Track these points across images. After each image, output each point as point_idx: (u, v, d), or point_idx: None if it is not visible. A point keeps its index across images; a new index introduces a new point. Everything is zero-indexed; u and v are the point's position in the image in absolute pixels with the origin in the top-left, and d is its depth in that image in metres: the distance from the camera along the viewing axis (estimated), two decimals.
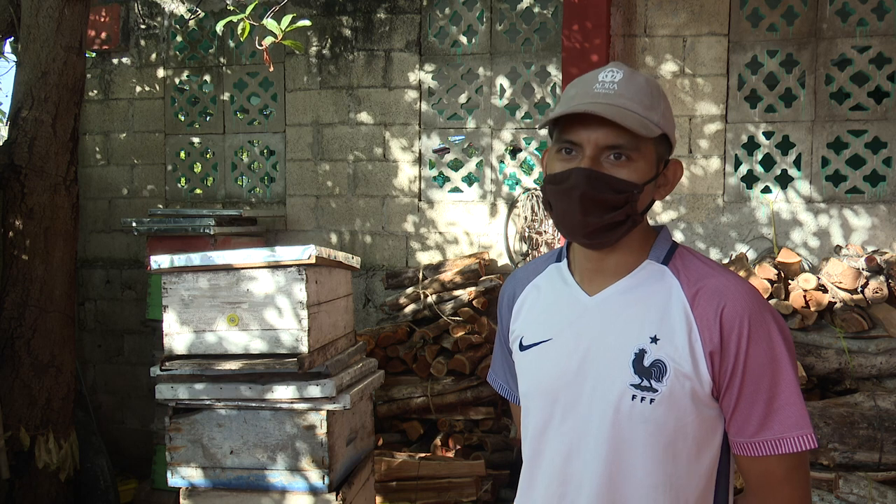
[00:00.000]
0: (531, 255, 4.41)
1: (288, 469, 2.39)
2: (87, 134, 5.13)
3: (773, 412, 1.17)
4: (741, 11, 4.26)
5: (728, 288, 1.20)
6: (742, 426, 1.19)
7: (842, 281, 3.46)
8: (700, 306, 1.19)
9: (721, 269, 1.24)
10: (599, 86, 1.19)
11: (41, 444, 3.36)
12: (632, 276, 1.25)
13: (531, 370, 1.32)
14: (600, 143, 1.16)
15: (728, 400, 1.19)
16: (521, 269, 1.44)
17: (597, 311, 1.25)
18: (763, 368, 1.17)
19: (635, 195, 1.18)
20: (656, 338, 1.19)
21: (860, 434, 2.94)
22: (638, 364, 1.19)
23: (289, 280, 2.33)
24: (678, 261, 1.25)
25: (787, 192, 4.25)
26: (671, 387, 1.18)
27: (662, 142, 1.22)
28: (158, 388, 2.43)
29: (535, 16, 4.51)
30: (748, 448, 1.19)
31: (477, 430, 3.97)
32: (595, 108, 1.15)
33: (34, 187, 3.40)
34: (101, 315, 5.14)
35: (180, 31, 5.01)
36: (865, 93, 4.13)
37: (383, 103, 4.71)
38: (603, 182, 1.16)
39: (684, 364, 1.18)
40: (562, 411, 1.26)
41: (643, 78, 1.21)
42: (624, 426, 1.20)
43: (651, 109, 1.18)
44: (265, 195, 5.00)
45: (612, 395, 1.20)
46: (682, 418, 1.19)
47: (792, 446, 1.17)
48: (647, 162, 1.19)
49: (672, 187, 1.27)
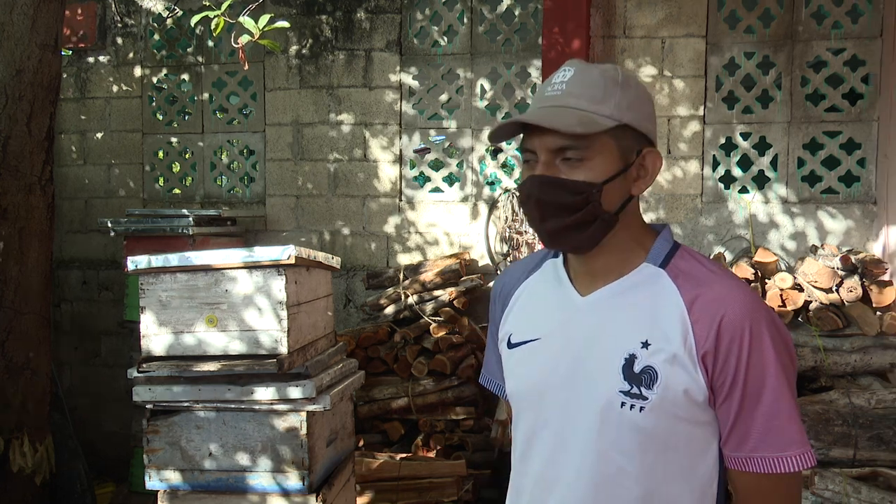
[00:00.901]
0: (512, 255, 4.42)
1: (268, 471, 2.37)
2: (63, 133, 5.06)
3: (773, 428, 1.13)
4: (719, 13, 4.30)
5: (729, 295, 1.15)
6: (740, 441, 1.15)
7: (817, 280, 3.51)
8: (698, 312, 1.14)
9: (724, 274, 1.19)
10: (550, 88, 1.18)
11: (16, 448, 3.31)
12: (627, 279, 1.21)
13: (517, 370, 1.29)
14: (550, 147, 1.15)
15: (726, 412, 1.15)
16: (516, 265, 1.41)
17: (588, 312, 1.21)
18: (762, 381, 1.12)
19: (594, 195, 1.14)
20: (647, 343, 1.15)
21: (835, 431, 2.99)
22: (628, 370, 1.15)
23: (268, 280, 2.32)
24: (678, 264, 1.20)
25: (765, 193, 4.30)
26: (662, 395, 1.13)
27: (626, 133, 1.17)
28: (136, 389, 2.41)
29: (516, 17, 4.52)
30: (744, 463, 1.15)
31: (458, 431, 3.97)
32: (532, 115, 1.15)
33: (8, 187, 3.35)
34: (78, 316, 5.07)
35: (158, 30, 4.96)
36: (840, 94, 4.19)
37: (364, 103, 4.70)
38: (555, 186, 1.14)
39: (678, 371, 1.14)
40: (547, 415, 1.22)
41: (597, 70, 1.18)
42: (612, 433, 1.16)
43: (601, 102, 1.15)
44: (245, 195, 4.97)
45: (599, 400, 1.16)
46: (673, 427, 1.15)
47: (791, 465, 1.13)
48: (605, 158, 1.15)
49: (652, 178, 1.22)
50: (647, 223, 1.27)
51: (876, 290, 3.46)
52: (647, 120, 1.20)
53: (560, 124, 1.12)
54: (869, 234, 4.17)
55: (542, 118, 1.14)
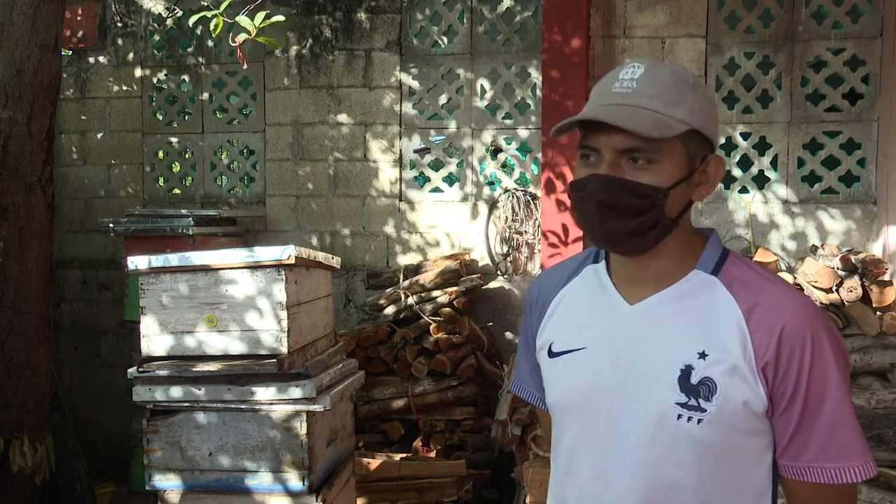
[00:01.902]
0: (512, 255, 4.42)
1: (268, 471, 2.37)
2: (64, 133, 5.06)
3: (834, 438, 1.10)
4: (719, 13, 4.30)
5: (789, 304, 1.12)
6: (799, 451, 1.12)
7: (817, 280, 3.51)
8: (756, 321, 1.11)
9: (779, 282, 1.16)
10: (618, 84, 1.13)
11: (16, 448, 3.31)
12: (678, 286, 1.16)
13: (560, 380, 1.25)
14: (618, 148, 1.10)
15: (785, 422, 1.12)
16: (553, 270, 1.36)
17: (638, 321, 1.17)
18: (824, 391, 1.10)
19: (660, 199, 1.10)
20: (705, 353, 1.11)
21: None
22: (684, 381, 1.11)
23: (268, 281, 2.32)
24: (730, 271, 1.16)
25: (765, 193, 4.30)
26: (721, 406, 1.10)
27: (694, 138, 1.13)
28: (136, 389, 2.41)
29: (516, 17, 4.52)
30: (803, 473, 1.12)
31: (458, 431, 3.97)
32: (604, 113, 1.09)
33: (8, 187, 3.35)
34: (78, 316, 5.07)
35: (158, 30, 4.96)
36: (840, 94, 4.19)
37: (364, 103, 4.70)
38: (622, 188, 1.10)
39: (738, 383, 1.10)
40: (595, 426, 1.18)
41: (668, 71, 1.13)
42: (666, 446, 1.12)
43: (674, 104, 1.10)
44: (245, 195, 4.97)
45: (653, 413, 1.13)
46: (730, 439, 1.12)
47: (852, 476, 1.10)
48: (673, 163, 1.11)
49: (713, 185, 1.17)
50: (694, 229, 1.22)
51: (876, 290, 3.46)
52: (713, 125, 1.17)
53: (636, 126, 1.07)
54: (869, 234, 4.17)
55: (617, 118, 1.08)
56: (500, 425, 3.53)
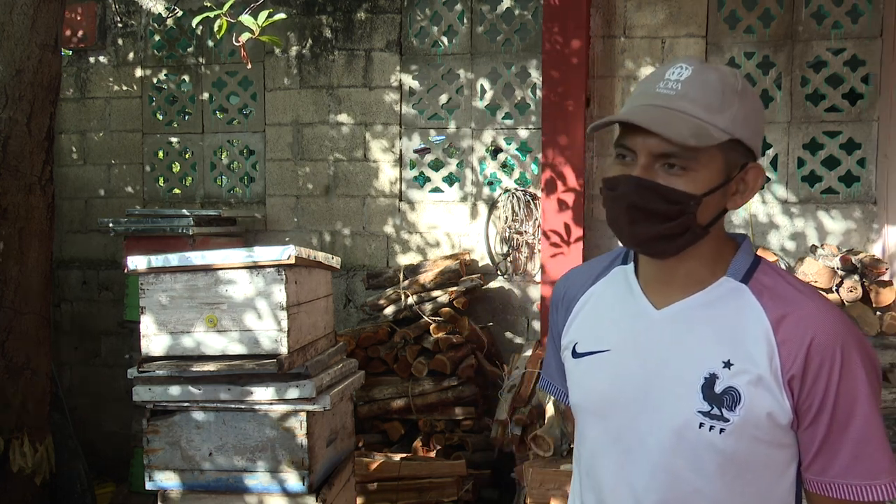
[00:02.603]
0: (512, 255, 4.42)
1: (267, 471, 2.37)
2: (63, 133, 5.06)
3: (861, 455, 1.08)
4: (719, 13, 4.30)
5: (819, 317, 1.09)
6: (825, 466, 1.10)
7: (817, 280, 3.51)
8: (785, 332, 1.09)
9: (811, 293, 1.13)
10: (663, 84, 1.09)
11: (16, 448, 3.31)
12: (706, 293, 1.14)
13: (584, 381, 1.24)
14: (654, 152, 1.08)
15: (811, 436, 1.10)
16: (581, 269, 1.35)
17: (664, 326, 1.15)
18: (852, 406, 1.08)
19: (692, 206, 1.08)
20: (730, 363, 1.09)
21: None
22: (707, 390, 1.10)
23: (268, 281, 2.32)
24: (761, 279, 1.14)
25: (764, 193, 4.30)
26: (745, 417, 1.08)
27: (735, 147, 1.09)
28: (136, 389, 2.41)
29: (515, 17, 4.52)
30: (828, 489, 1.10)
31: (458, 430, 3.97)
32: (642, 116, 1.07)
33: (8, 187, 3.35)
34: (78, 316, 5.07)
35: (158, 30, 4.96)
36: (840, 94, 4.19)
37: (364, 103, 4.70)
38: (653, 192, 1.08)
39: (762, 394, 1.08)
40: (617, 429, 1.17)
41: (716, 74, 1.09)
42: (688, 454, 1.11)
43: (718, 112, 1.07)
44: (244, 195, 4.97)
45: (675, 420, 1.11)
46: (753, 449, 1.10)
47: (880, 494, 1.08)
48: (709, 171, 1.08)
49: (751, 195, 1.14)
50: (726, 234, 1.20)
51: (876, 290, 3.46)
52: (757, 135, 1.14)
53: (673, 133, 1.04)
54: (869, 234, 4.17)
55: (655, 122, 1.06)
56: (500, 425, 3.53)
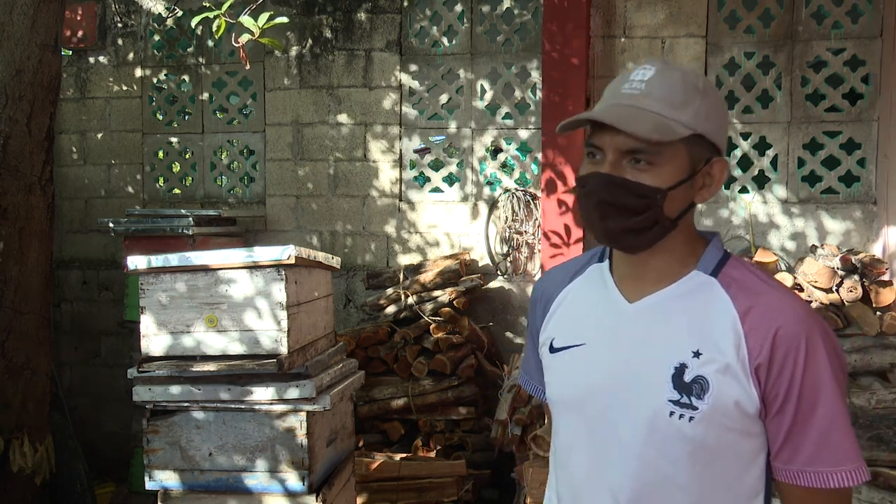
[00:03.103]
0: (512, 255, 4.42)
1: (267, 471, 2.37)
2: (63, 133, 5.06)
3: (827, 443, 1.11)
4: (719, 13, 4.30)
5: (785, 307, 1.13)
6: (792, 455, 1.13)
7: (817, 280, 3.51)
8: (752, 322, 1.12)
9: (776, 285, 1.17)
10: (628, 85, 1.15)
11: (16, 448, 3.31)
12: (677, 286, 1.19)
13: (559, 375, 1.27)
14: (620, 148, 1.12)
15: (778, 425, 1.13)
16: (558, 269, 1.38)
17: (637, 319, 1.19)
18: (817, 394, 1.11)
19: (658, 200, 1.12)
20: (699, 352, 1.13)
21: None
22: (678, 379, 1.13)
23: (268, 281, 2.32)
24: (730, 273, 1.18)
25: (765, 193, 4.30)
26: (713, 405, 1.11)
27: (699, 142, 1.15)
28: (136, 389, 2.41)
29: (515, 17, 4.52)
30: (796, 477, 1.13)
31: (458, 430, 3.97)
32: (608, 114, 1.12)
33: (8, 187, 3.35)
34: (78, 316, 5.07)
35: (158, 30, 4.96)
36: (840, 94, 4.19)
37: (364, 103, 4.70)
38: (621, 187, 1.12)
39: (730, 382, 1.12)
40: (591, 422, 1.20)
41: (678, 73, 1.15)
42: (659, 442, 1.14)
43: (681, 108, 1.12)
44: (245, 195, 4.97)
45: (647, 410, 1.14)
46: (722, 437, 1.13)
47: (846, 480, 1.11)
48: (674, 165, 1.13)
49: (717, 188, 1.19)
50: (697, 230, 1.24)
51: (876, 290, 3.46)
52: (721, 130, 1.19)
53: (637, 128, 1.09)
54: (869, 234, 4.17)
55: (619, 119, 1.11)
56: (500, 425, 3.53)
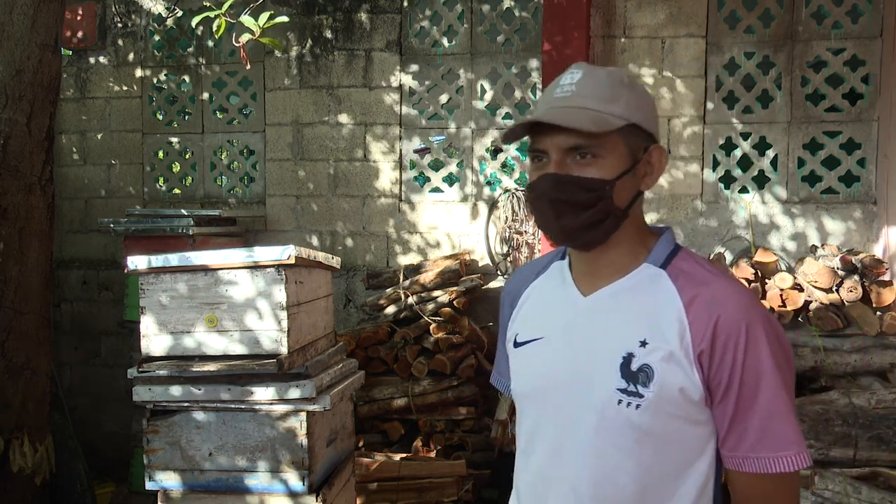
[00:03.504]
0: (512, 255, 4.42)
1: (267, 471, 2.37)
2: (64, 133, 5.06)
3: (769, 429, 1.14)
4: (719, 13, 4.30)
5: (726, 295, 1.17)
6: (737, 442, 1.16)
7: (817, 280, 3.51)
8: (695, 311, 1.16)
9: (722, 276, 1.21)
10: (559, 90, 1.21)
11: (16, 448, 3.31)
12: (628, 279, 1.23)
13: (521, 368, 1.32)
14: (562, 147, 1.17)
15: (722, 412, 1.17)
16: (525, 267, 1.43)
17: (589, 312, 1.24)
18: (758, 381, 1.14)
19: (607, 191, 1.17)
20: (645, 342, 1.17)
21: (835, 431, 2.99)
22: (625, 368, 1.17)
23: (268, 281, 2.32)
24: (678, 265, 1.22)
25: (764, 194, 4.30)
26: (658, 393, 1.15)
27: (633, 132, 1.20)
28: (136, 389, 2.41)
29: (515, 17, 4.52)
30: (741, 464, 1.17)
31: (458, 430, 3.97)
32: (546, 115, 1.17)
33: (8, 187, 3.35)
34: (78, 316, 5.07)
35: (158, 30, 4.96)
36: (840, 94, 4.19)
37: (364, 103, 4.70)
38: (570, 184, 1.17)
39: (674, 370, 1.15)
40: (549, 413, 1.24)
41: (604, 72, 1.21)
42: (609, 431, 1.18)
43: (611, 102, 1.18)
44: (245, 195, 4.97)
45: (598, 399, 1.18)
46: (669, 425, 1.17)
47: (787, 465, 1.14)
48: (616, 156, 1.18)
49: (658, 174, 1.25)
50: (649, 225, 1.30)
51: (876, 290, 3.46)
52: (652, 119, 1.25)
53: (576, 123, 1.14)
54: (869, 234, 4.17)
55: (558, 117, 1.16)
56: (500, 425, 3.53)
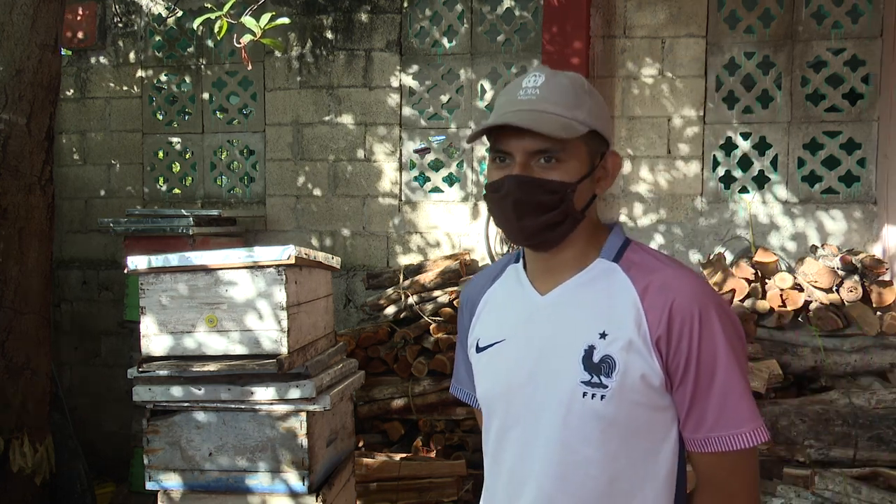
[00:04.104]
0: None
1: (267, 471, 2.37)
2: (64, 133, 5.06)
3: (727, 407, 1.17)
4: (719, 13, 4.30)
5: (678, 281, 1.20)
6: (698, 423, 1.19)
7: (817, 280, 3.51)
8: (650, 299, 1.19)
9: (672, 263, 1.25)
10: (523, 92, 1.22)
11: (16, 448, 3.31)
12: (583, 274, 1.26)
13: (485, 372, 1.33)
14: (528, 150, 1.20)
15: (682, 395, 1.19)
16: (480, 274, 1.46)
17: (548, 310, 1.26)
18: (714, 361, 1.17)
19: (569, 194, 1.20)
20: (605, 333, 1.19)
21: (835, 431, 2.99)
22: (587, 360, 1.19)
23: (268, 281, 2.32)
24: (629, 257, 1.25)
25: (764, 194, 4.30)
26: (621, 382, 1.17)
27: (593, 137, 1.23)
28: (136, 389, 2.41)
29: (516, 17, 4.52)
30: (703, 444, 1.19)
31: (458, 430, 3.97)
32: (515, 118, 1.19)
33: (8, 187, 3.35)
34: (78, 316, 5.07)
35: (158, 30, 4.96)
36: (840, 94, 4.19)
37: (364, 103, 4.70)
38: (534, 186, 1.19)
39: (634, 357, 1.18)
40: (516, 413, 1.26)
41: (567, 78, 1.24)
42: (575, 424, 1.20)
43: (575, 108, 1.20)
44: (245, 195, 4.97)
45: (563, 393, 1.20)
46: (633, 413, 1.19)
47: (747, 441, 1.17)
48: (578, 160, 1.21)
49: (612, 179, 1.29)
50: (601, 221, 1.32)
51: (876, 290, 3.46)
52: (608, 125, 1.28)
53: (545, 129, 1.17)
54: (869, 234, 4.17)
55: (530, 122, 1.17)
56: None
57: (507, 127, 1.20)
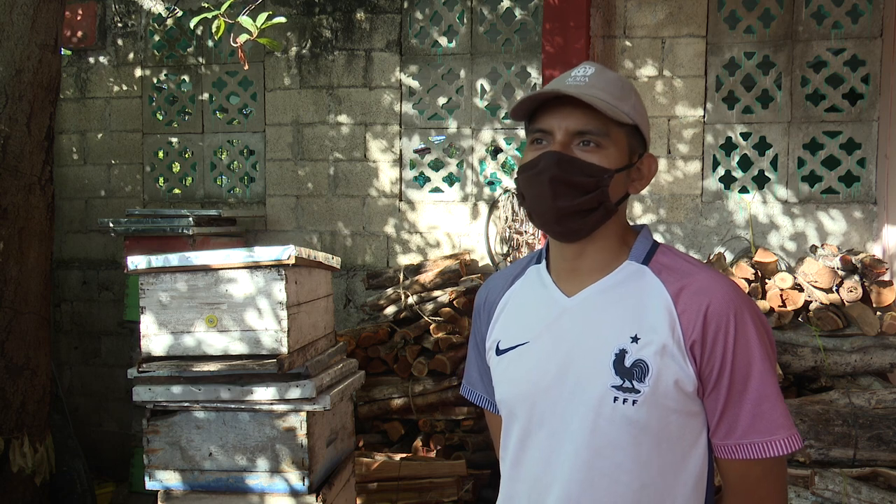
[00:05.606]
0: (512, 255, 4.42)
1: (268, 471, 2.37)
2: (63, 133, 5.06)
3: (761, 414, 1.15)
4: (719, 13, 4.30)
5: (712, 286, 1.18)
6: (730, 429, 1.17)
7: (817, 280, 3.51)
8: (684, 303, 1.17)
9: (704, 267, 1.23)
10: (571, 79, 1.21)
11: (16, 448, 3.31)
12: (612, 276, 1.23)
13: (507, 375, 1.29)
14: (570, 129, 1.18)
15: (714, 401, 1.17)
16: (498, 275, 1.41)
17: (575, 312, 1.23)
18: (749, 367, 1.15)
19: (606, 180, 1.18)
20: (637, 337, 1.16)
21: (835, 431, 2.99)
22: (619, 365, 1.16)
23: (268, 281, 2.32)
24: (660, 259, 1.23)
25: (764, 193, 4.30)
26: (654, 387, 1.15)
27: (634, 134, 1.22)
28: (136, 389, 2.41)
29: (516, 17, 4.52)
30: (734, 451, 1.17)
31: (458, 430, 3.97)
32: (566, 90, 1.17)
33: (8, 187, 3.35)
34: (78, 316, 5.07)
35: (158, 30, 4.96)
36: (840, 94, 4.19)
37: (364, 103, 4.70)
38: (573, 165, 1.17)
39: (668, 362, 1.15)
40: (541, 416, 1.22)
41: (614, 74, 1.24)
42: (605, 429, 1.17)
43: (621, 100, 1.20)
44: (245, 195, 4.97)
45: (592, 397, 1.17)
46: (665, 418, 1.16)
47: (781, 448, 1.15)
48: (618, 150, 1.19)
49: (647, 181, 1.26)
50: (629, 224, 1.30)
51: (876, 290, 3.46)
52: (647, 127, 1.27)
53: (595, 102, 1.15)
54: (869, 234, 4.17)
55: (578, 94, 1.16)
56: None
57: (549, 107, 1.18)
